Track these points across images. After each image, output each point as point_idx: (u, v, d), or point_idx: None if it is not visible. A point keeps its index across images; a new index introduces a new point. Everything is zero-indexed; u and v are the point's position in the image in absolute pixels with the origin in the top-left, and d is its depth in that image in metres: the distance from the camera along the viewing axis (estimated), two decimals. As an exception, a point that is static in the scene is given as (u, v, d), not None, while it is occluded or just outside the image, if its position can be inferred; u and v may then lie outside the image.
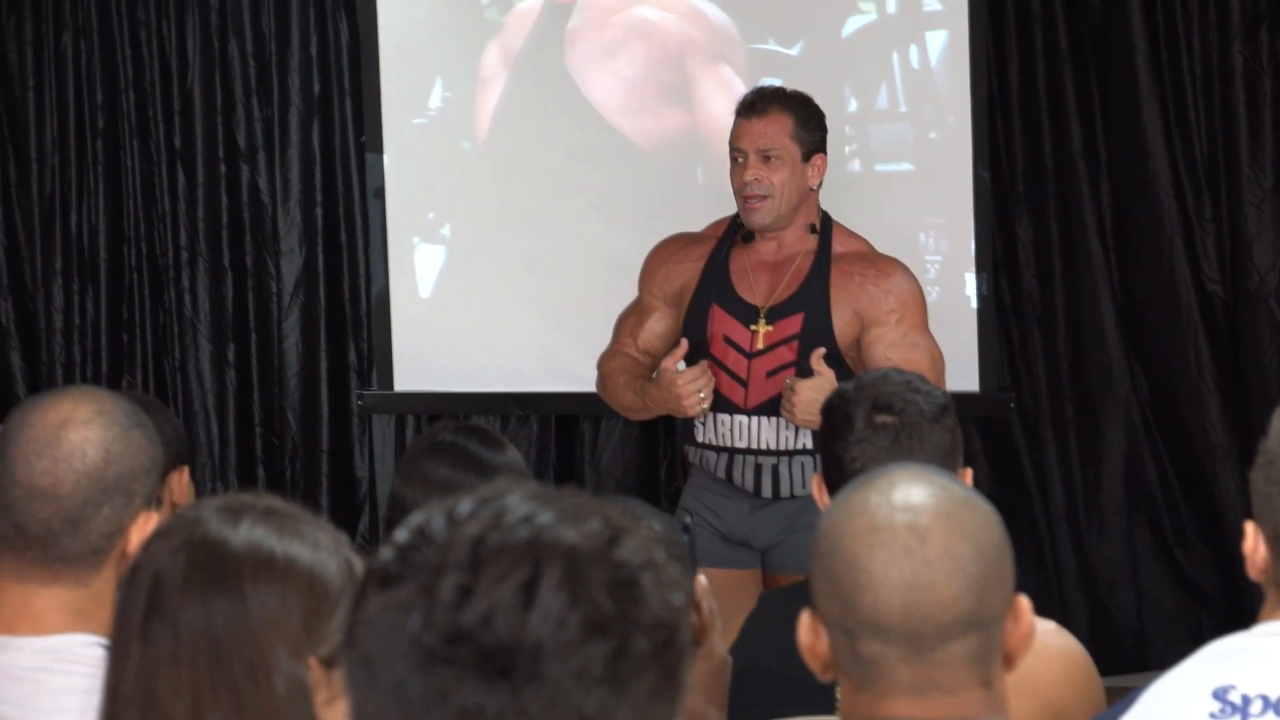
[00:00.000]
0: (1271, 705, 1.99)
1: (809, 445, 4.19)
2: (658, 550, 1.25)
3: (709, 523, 4.25)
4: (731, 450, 4.25)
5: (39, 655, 2.14)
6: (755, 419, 4.22)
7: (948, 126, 5.26)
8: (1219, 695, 2.01)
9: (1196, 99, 5.24)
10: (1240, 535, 2.13)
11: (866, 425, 2.70)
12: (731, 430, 4.25)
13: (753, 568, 4.26)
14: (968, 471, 2.75)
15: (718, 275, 4.30)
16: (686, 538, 2.29)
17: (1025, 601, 1.78)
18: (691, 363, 4.23)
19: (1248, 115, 5.21)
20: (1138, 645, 5.36)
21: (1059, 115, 5.32)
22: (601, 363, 4.48)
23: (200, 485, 5.50)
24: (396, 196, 5.55)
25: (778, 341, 4.23)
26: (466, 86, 5.53)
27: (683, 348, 4.24)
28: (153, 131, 5.69)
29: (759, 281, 4.28)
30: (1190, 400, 5.29)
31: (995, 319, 5.30)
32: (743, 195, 4.24)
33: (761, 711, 2.57)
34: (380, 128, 5.53)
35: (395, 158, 5.55)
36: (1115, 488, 5.37)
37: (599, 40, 5.43)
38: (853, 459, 2.69)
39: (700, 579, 2.17)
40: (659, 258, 4.43)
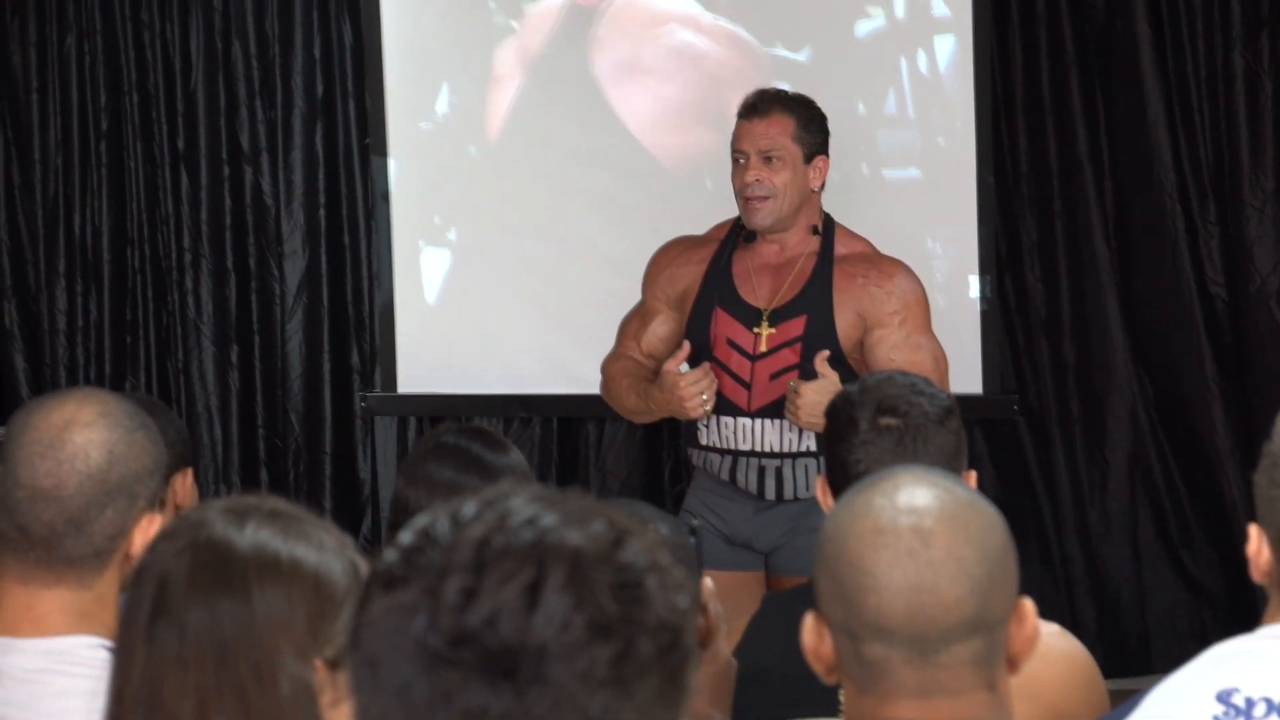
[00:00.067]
0: (1275, 708, 1.99)
1: (812, 447, 4.18)
2: (662, 553, 1.25)
3: (712, 525, 4.25)
4: (735, 452, 4.24)
5: (42, 657, 2.14)
6: (759, 421, 4.22)
7: (955, 132, 5.25)
8: (1222, 698, 2.01)
9: (1202, 101, 5.24)
10: (1246, 537, 2.13)
11: (871, 428, 2.70)
12: (735, 432, 4.24)
13: (756, 570, 4.26)
14: (972, 474, 2.75)
15: (720, 278, 4.30)
16: (693, 540, 2.29)
17: (1029, 604, 1.78)
18: (695, 365, 4.23)
19: (1249, 118, 5.21)
20: (1143, 647, 5.36)
21: (1064, 117, 5.31)
22: (605, 366, 4.47)
23: (203, 487, 5.50)
24: (402, 201, 5.55)
25: (781, 344, 4.22)
26: (473, 90, 5.51)
27: (685, 350, 4.23)
28: (156, 133, 5.68)
29: (762, 284, 4.28)
30: (1196, 402, 5.28)
31: (1000, 322, 5.30)
32: (744, 196, 4.23)
33: (765, 714, 2.57)
34: (385, 131, 5.52)
35: (401, 162, 5.54)
36: (1121, 489, 5.37)
37: (631, 51, 5.40)
38: (857, 462, 2.69)
39: (706, 582, 2.17)
40: (662, 261, 4.43)
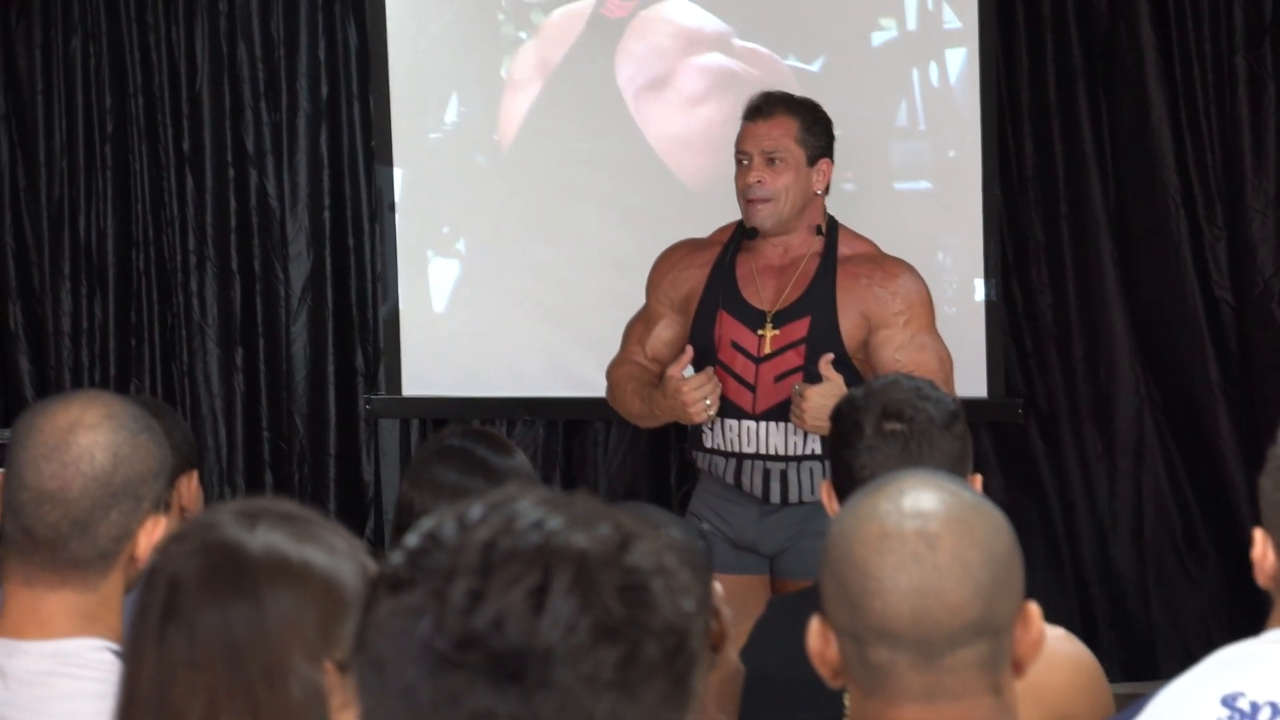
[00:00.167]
0: (1280, 712, 1.99)
1: (817, 450, 4.17)
2: (668, 556, 1.25)
3: (717, 528, 4.24)
4: (740, 455, 4.24)
5: (47, 659, 2.14)
6: (763, 424, 4.21)
7: (966, 144, 5.25)
8: (1227, 702, 2.01)
9: (1208, 105, 5.24)
10: (1252, 541, 2.12)
11: (876, 432, 2.70)
12: (740, 435, 4.23)
13: (761, 573, 4.25)
14: (977, 478, 2.75)
15: (724, 280, 4.29)
16: (704, 544, 2.29)
17: (1035, 608, 1.78)
18: (699, 368, 4.22)
19: (1251, 122, 5.21)
20: (1150, 651, 5.36)
21: (1070, 121, 5.32)
22: (610, 371, 4.47)
23: (208, 489, 5.50)
24: (410, 210, 5.54)
25: (785, 346, 4.21)
26: (482, 100, 5.51)
27: (688, 355, 4.22)
28: (161, 136, 5.69)
29: (765, 286, 4.27)
30: (1203, 406, 5.28)
31: (1006, 325, 5.30)
32: (746, 197, 4.23)
33: (770, 717, 2.57)
34: (390, 140, 5.52)
35: (409, 172, 5.54)
36: (1128, 492, 5.37)
37: (661, 69, 5.38)
38: (862, 466, 2.69)
39: (717, 586, 2.17)
40: (665, 264, 4.42)
